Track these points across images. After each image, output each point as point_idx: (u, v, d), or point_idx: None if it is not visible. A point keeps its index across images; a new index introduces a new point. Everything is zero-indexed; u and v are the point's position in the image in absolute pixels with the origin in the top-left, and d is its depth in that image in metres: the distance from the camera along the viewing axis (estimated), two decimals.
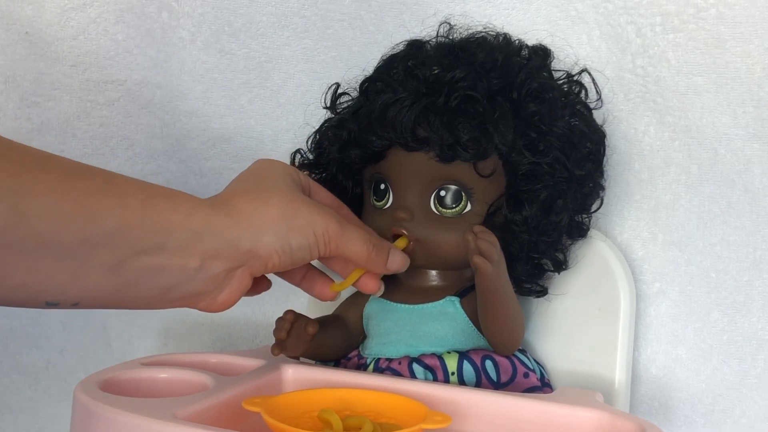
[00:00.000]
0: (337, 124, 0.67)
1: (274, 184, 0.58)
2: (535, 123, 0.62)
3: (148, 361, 0.65)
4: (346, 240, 0.59)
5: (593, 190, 0.67)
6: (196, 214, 0.53)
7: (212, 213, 0.54)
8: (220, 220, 0.54)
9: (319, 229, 0.57)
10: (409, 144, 0.62)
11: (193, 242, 0.53)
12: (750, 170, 0.69)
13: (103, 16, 0.84)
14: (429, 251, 0.64)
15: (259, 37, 0.82)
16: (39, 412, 0.92)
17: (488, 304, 0.61)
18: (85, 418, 0.53)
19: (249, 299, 0.85)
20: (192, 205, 0.54)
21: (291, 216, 0.56)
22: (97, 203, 0.49)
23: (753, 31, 0.67)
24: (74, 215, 0.47)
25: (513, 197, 0.63)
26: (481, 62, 0.64)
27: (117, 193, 0.50)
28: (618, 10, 0.71)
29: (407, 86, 0.63)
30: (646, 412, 0.73)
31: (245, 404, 0.53)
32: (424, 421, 0.51)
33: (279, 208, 0.56)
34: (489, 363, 0.63)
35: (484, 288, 0.60)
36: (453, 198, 0.64)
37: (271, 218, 0.56)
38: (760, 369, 0.70)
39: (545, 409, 0.58)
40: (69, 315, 0.89)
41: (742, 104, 0.68)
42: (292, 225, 0.56)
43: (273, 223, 0.56)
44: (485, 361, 0.63)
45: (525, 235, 0.63)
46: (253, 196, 0.57)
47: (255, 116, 0.83)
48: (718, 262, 0.71)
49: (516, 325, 0.63)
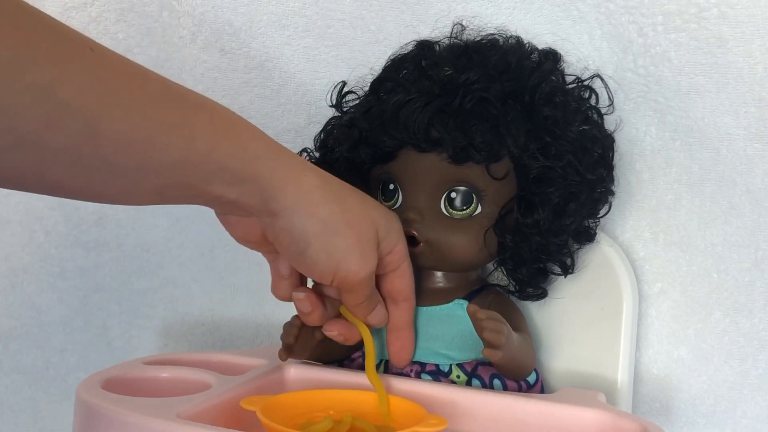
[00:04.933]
0: (347, 123, 0.67)
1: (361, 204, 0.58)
2: (548, 127, 0.62)
3: (150, 360, 0.65)
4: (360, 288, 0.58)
5: (603, 195, 0.67)
6: (255, 163, 0.53)
7: (273, 167, 0.54)
8: (275, 176, 0.54)
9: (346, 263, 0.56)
10: (422, 145, 0.62)
11: (237, 185, 0.53)
12: (752, 170, 0.69)
13: (103, 15, 0.84)
14: (438, 253, 0.64)
15: (260, 37, 0.82)
16: (39, 412, 0.92)
17: (500, 369, 0.62)
18: (87, 418, 0.53)
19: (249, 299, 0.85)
20: (254, 153, 0.53)
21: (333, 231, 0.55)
22: (166, 138, 0.49)
23: (755, 30, 0.67)
24: (142, 144, 0.48)
25: (525, 200, 0.63)
26: (494, 65, 0.63)
27: (187, 131, 0.50)
28: (620, 9, 0.71)
29: (420, 86, 0.63)
30: (648, 413, 0.73)
31: (243, 403, 0.53)
32: (420, 424, 0.51)
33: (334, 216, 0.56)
34: (497, 382, 0.64)
35: (494, 364, 0.60)
36: (463, 200, 0.64)
37: (318, 215, 0.55)
38: (761, 369, 0.70)
39: (547, 409, 0.58)
40: (69, 315, 0.89)
41: (744, 104, 0.68)
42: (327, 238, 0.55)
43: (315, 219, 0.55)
44: (493, 380, 0.63)
45: (536, 237, 0.63)
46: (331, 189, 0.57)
47: (256, 116, 0.83)
48: (720, 262, 0.71)
49: (529, 365, 0.63)
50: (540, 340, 0.71)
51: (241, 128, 0.54)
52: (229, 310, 0.87)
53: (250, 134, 0.55)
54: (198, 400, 0.54)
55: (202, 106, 0.53)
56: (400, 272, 0.61)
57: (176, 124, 0.50)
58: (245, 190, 0.53)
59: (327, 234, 0.55)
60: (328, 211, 0.55)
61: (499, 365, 0.60)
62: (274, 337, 0.62)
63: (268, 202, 0.54)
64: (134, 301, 0.88)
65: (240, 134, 0.54)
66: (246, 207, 0.54)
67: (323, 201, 0.55)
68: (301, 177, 0.55)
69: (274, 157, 0.55)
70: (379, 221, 0.59)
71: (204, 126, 0.51)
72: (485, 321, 0.57)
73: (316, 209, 0.55)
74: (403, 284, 0.62)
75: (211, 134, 0.51)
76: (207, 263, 0.86)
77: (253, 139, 0.54)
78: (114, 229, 0.88)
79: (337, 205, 0.56)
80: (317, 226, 0.55)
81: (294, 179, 0.55)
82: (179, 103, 0.51)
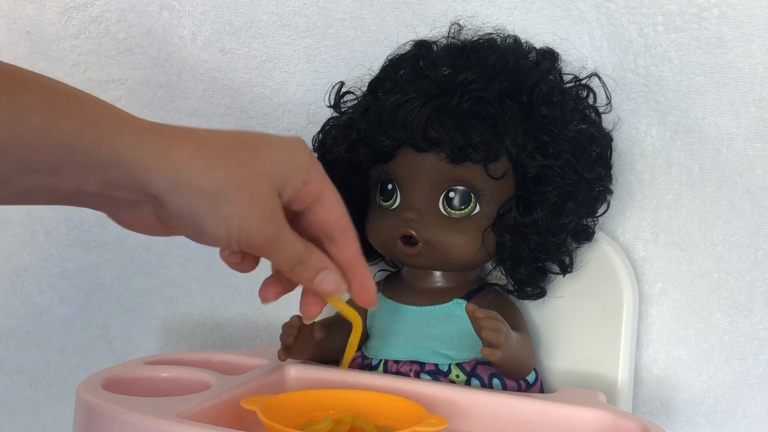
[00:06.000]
0: (345, 123, 0.67)
1: (249, 159, 0.50)
2: (546, 126, 0.63)
3: (151, 360, 0.65)
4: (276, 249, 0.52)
5: (601, 193, 0.67)
6: (109, 142, 0.46)
7: (133, 145, 0.46)
8: (140, 155, 0.46)
9: (246, 228, 0.49)
10: (420, 145, 0.62)
11: (95, 171, 0.46)
12: (752, 170, 0.69)
13: (104, 15, 0.84)
14: (437, 253, 0.64)
15: (260, 37, 0.82)
16: (39, 412, 0.92)
17: (499, 369, 0.62)
18: (88, 418, 0.53)
19: (249, 300, 0.85)
20: (106, 131, 0.46)
21: (223, 199, 0.48)
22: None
23: (755, 30, 0.67)
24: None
25: (523, 199, 0.63)
26: (492, 64, 0.64)
27: (19, 106, 0.44)
28: (620, 9, 0.71)
29: (417, 86, 0.63)
30: (648, 413, 0.73)
31: (243, 403, 0.53)
32: (420, 424, 0.51)
33: (218, 183, 0.48)
34: (496, 381, 0.64)
35: (494, 363, 0.60)
36: (462, 199, 0.64)
37: (200, 188, 0.48)
38: (761, 369, 0.70)
39: (548, 409, 0.58)
40: (70, 315, 0.89)
41: (745, 104, 0.68)
42: (217, 208, 0.48)
43: (198, 194, 0.48)
44: (492, 379, 0.63)
45: (535, 236, 0.63)
46: (209, 154, 0.48)
47: (256, 116, 0.83)
48: (720, 262, 0.71)
49: (528, 364, 0.64)
50: (540, 339, 0.71)
51: (87, 104, 0.47)
52: (229, 310, 0.87)
53: (100, 110, 0.47)
54: (198, 399, 0.54)
55: (34, 82, 0.46)
56: (323, 202, 0.53)
57: (5, 101, 0.44)
58: (108, 177, 0.47)
59: (217, 204, 0.48)
60: (212, 180, 0.48)
61: (498, 365, 0.60)
62: (274, 337, 0.62)
63: (143, 187, 0.47)
64: (135, 300, 0.88)
65: (86, 110, 0.47)
66: (122, 199, 0.48)
67: (203, 170, 0.48)
68: (171, 150, 0.47)
69: (133, 133, 0.47)
70: (274, 167, 0.51)
71: (36, 103, 0.45)
72: (484, 320, 0.57)
73: (197, 182, 0.48)
74: (329, 214, 0.54)
75: (46, 110, 0.45)
76: (207, 263, 0.86)
77: (105, 115, 0.47)
78: (114, 229, 0.87)
79: (222, 170, 0.49)
80: (204, 200, 0.48)
81: (164, 154, 0.47)
82: (12, 75, 0.45)
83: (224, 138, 0.51)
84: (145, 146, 0.47)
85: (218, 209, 0.49)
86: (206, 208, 0.48)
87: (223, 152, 0.49)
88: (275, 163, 0.51)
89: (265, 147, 0.52)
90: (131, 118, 0.48)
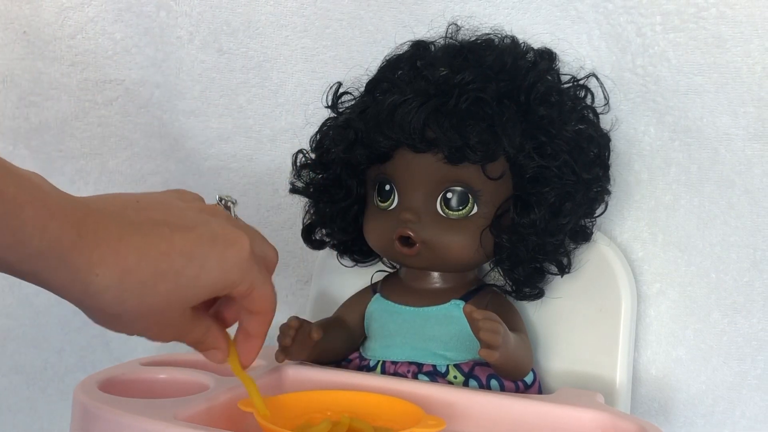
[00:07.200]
0: (343, 123, 0.67)
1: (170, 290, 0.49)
2: (544, 126, 0.63)
3: (148, 361, 0.65)
4: (178, 338, 0.54)
5: (599, 194, 0.67)
6: (29, 262, 0.45)
7: (56, 267, 0.45)
8: (59, 276, 0.46)
9: (147, 336, 0.52)
10: (417, 145, 0.62)
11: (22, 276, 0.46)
12: (750, 170, 0.69)
13: (101, 15, 0.84)
14: (435, 253, 0.64)
15: (258, 37, 0.82)
16: (37, 412, 0.92)
17: (497, 370, 0.62)
18: (85, 419, 0.53)
19: None
20: (32, 250, 0.44)
21: (126, 320, 0.49)
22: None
23: (753, 30, 0.67)
24: None
25: (521, 200, 0.63)
26: (490, 65, 0.64)
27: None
28: (618, 9, 0.71)
29: (415, 87, 0.63)
30: (646, 414, 0.73)
31: (240, 405, 0.53)
32: (418, 425, 0.51)
33: (126, 312, 0.48)
34: (494, 382, 0.63)
35: (492, 364, 0.60)
36: (459, 200, 0.63)
37: (108, 314, 0.48)
38: (760, 370, 0.70)
39: (545, 410, 0.58)
40: (68, 315, 0.89)
41: (743, 104, 0.68)
42: (122, 325, 0.50)
43: (107, 317, 0.48)
44: (490, 380, 0.63)
45: (533, 237, 0.63)
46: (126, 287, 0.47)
47: (253, 116, 0.83)
48: (719, 262, 0.71)
49: (526, 365, 0.64)
50: (538, 340, 0.71)
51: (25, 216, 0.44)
52: None
53: (37, 223, 0.44)
54: (196, 401, 0.55)
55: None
56: (253, 296, 0.52)
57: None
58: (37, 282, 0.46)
59: (122, 324, 0.50)
60: (120, 309, 0.47)
61: (496, 365, 0.60)
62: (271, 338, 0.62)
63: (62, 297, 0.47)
64: None
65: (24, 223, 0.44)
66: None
67: (115, 303, 0.47)
68: (90, 278, 0.46)
69: (57, 257, 0.45)
70: (196, 291, 0.50)
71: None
72: (482, 321, 0.57)
73: (108, 310, 0.47)
74: (256, 305, 0.53)
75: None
76: None
77: (41, 229, 0.44)
78: None
79: (134, 301, 0.48)
80: (112, 318, 0.49)
81: (81, 282, 0.46)
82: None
83: (157, 259, 0.48)
84: (65, 271, 0.45)
85: (123, 326, 0.50)
86: (114, 325, 0.49)
87: (143, 283, 0.48)
88: (199, 287, 0.50)
89: (196, 268, 0.49)
90: (66, 232, 0.45)
